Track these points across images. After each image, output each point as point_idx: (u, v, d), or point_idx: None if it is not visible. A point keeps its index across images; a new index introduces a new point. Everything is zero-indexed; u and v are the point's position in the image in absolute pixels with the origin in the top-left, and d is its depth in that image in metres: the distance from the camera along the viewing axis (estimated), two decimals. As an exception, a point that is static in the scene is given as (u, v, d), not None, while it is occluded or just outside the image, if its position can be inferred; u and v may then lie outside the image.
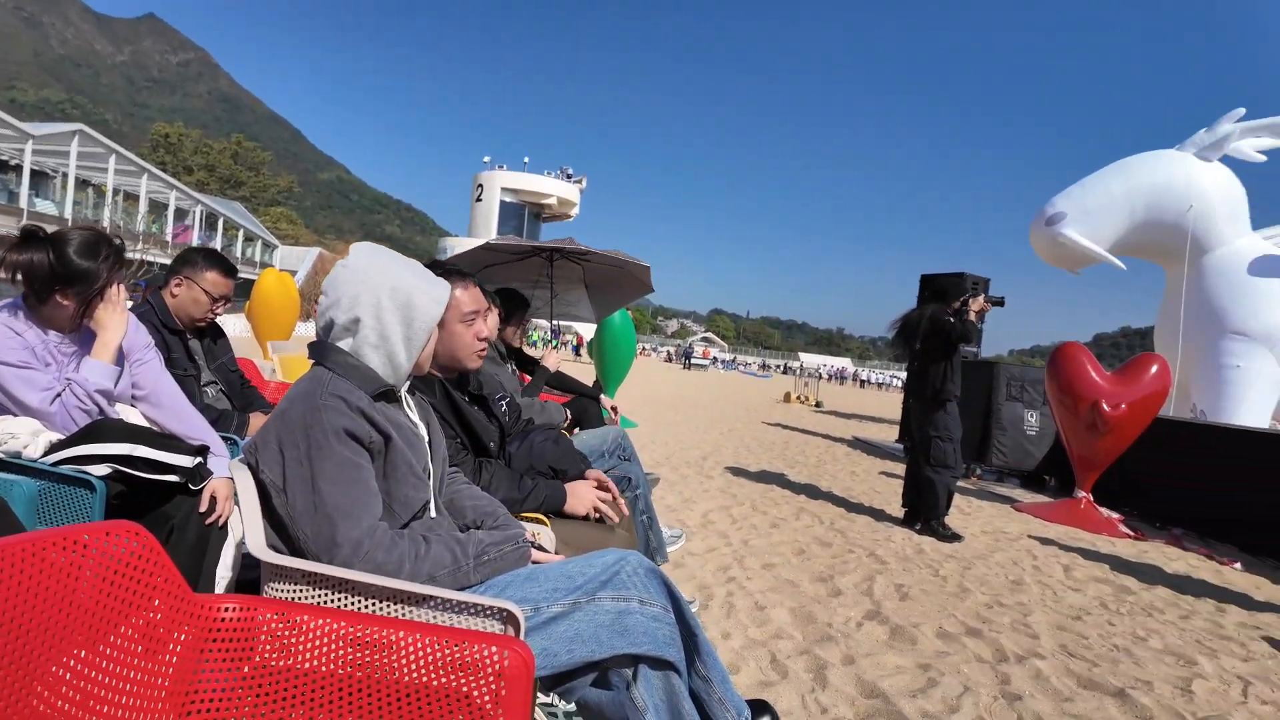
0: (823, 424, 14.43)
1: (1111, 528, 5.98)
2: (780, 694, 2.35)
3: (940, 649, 2.93)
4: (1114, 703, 2.60)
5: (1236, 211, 10.75)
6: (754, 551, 4.10)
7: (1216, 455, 6.40)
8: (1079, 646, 3.16)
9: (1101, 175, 11.24)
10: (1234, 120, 10.60)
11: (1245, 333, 10.20)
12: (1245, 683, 2.95)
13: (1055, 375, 6.37)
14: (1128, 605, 3.90)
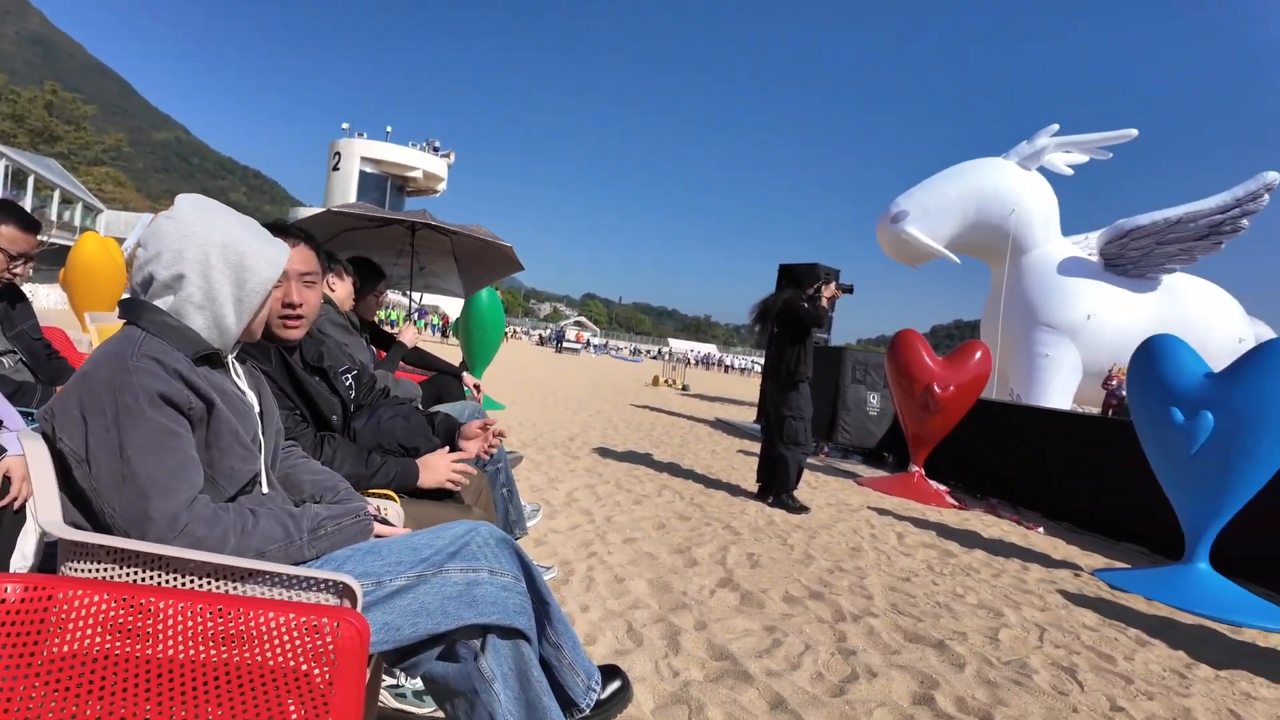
0: (688, 406, 14.85)
1: (940, 499, 6.58)
2: (635, 661, 2.40)
3: (785, 612, 3.12)
4: (934, 653, 2.88)
5: (1049, 217, 12.07)
6: (616, 527, 4.17)
7: (1027, 433, 7.19)
8: (907, 605, 3.46)
9: (940, 178, 12.25)
10: (1049, 134, 11.86)
11: (1054, 325, 11.51)
12: (1042, 629, 3.36)
13: (894, 360, 6.90)
14: (950, 567, 4.32)
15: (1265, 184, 10.30)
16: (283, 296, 1.83)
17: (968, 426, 7.09)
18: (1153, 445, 4.49)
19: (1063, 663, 2.94)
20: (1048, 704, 2.52)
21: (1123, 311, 11.27)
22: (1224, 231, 10.54)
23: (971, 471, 7.59)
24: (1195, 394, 4.24)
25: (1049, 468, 6.77)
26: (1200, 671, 3.08)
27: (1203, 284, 12.04)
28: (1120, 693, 2.72)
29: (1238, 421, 4.06)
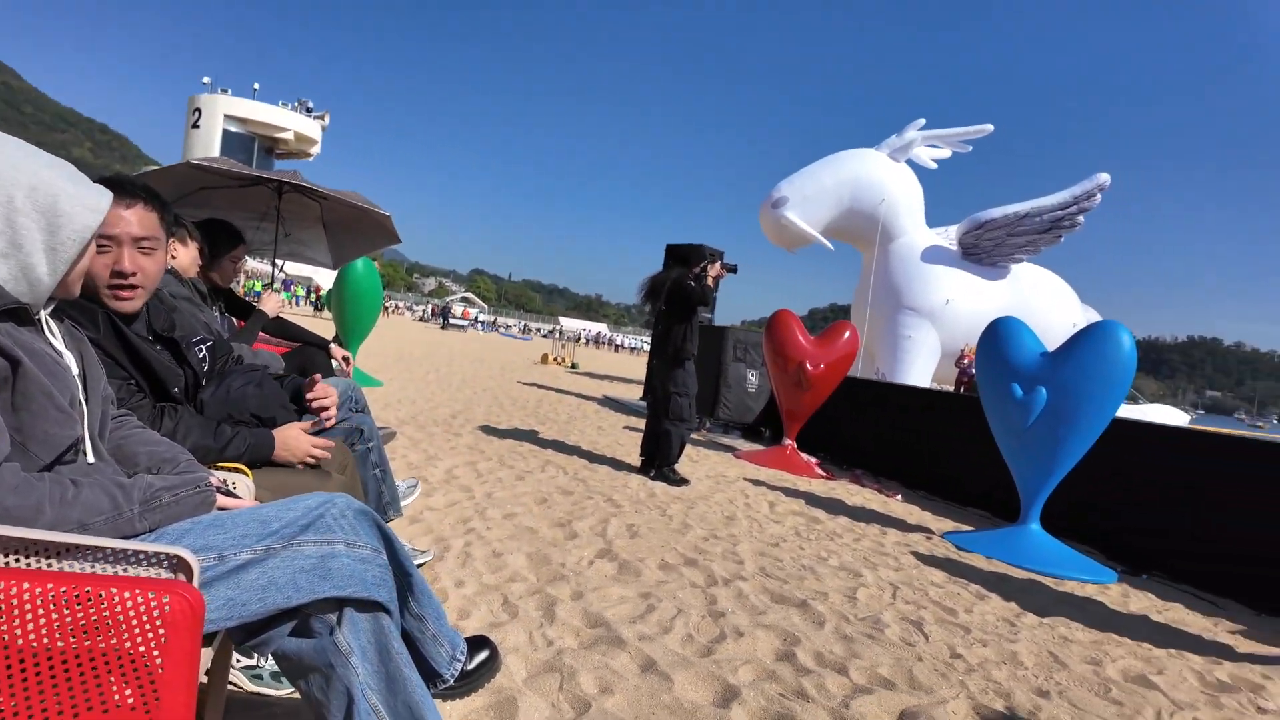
0: (577, 384, 14.85)
1: (810, 470, 6.94)
2: (509, 632, 2.40)
3: (661, 579, 3.20)
4: (798, 612, 3.05)
5: (915, 208, 12.86)
6: (496, 503, 4.12)
7: (889, 408, 7.69)
8: (775, 568, 3.64)
9: (817, 166, 12.77)
10: (917, 129, 12.60)
11: (916, 309, 12.32)
12: (895, 588, 3.62)
13: (770, 339, 7.18)
14: (816, 533, 4.57)
15: (1098, 184, 11.43)
16: (112, 263, 1.66)
17: (836, 402, 7.50)
18: (995, 418, 4.92)
19: (911, 617, 3.19)
20: (896, 654, 2.73)
21: (977, 297, 12.22)
22: (1064, 226, 11.62)
23: (839, 444, 8.05)
24: (1032, 371, 4.68)
25: (908, 441, 7.28)
26: (1027, 619, 3.43)
27: (1045, 273, 13.24)
28: (959, 641, 2.98)
29: (1066, 396, 4.52)
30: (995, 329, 4.98)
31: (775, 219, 12.53)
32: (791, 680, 2.36)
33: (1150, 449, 5.13)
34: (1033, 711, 2.41)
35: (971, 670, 2.69)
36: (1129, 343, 4.45)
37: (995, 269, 12.55)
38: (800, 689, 2.31)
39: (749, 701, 2.16)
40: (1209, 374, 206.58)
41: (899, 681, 2.49)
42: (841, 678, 2.45)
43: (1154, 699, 2.68)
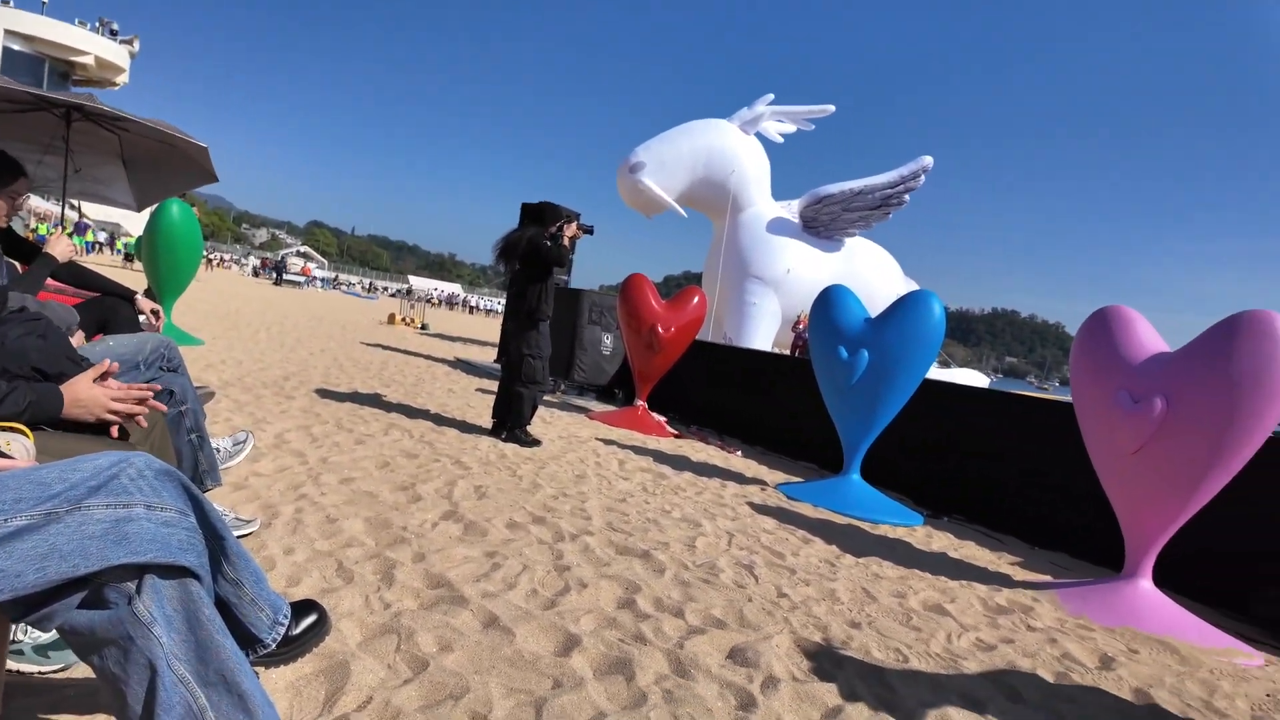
0: (426, 345, 14.33)
1: (660, 429, 7.17)
2: (343, 597, 2.31)
3: (508, 537, 3.20)
4: (640, 562, 3.16)
5: (763, 180, 13.42)
6: (332, 468, 3.92)
7: (732, 370, 8.08)
8: (621, 523, 3.74)
9: (673, 134, 12.97)
10: (766, 103, 13.09)
11: (761, 277, 12.94)
12: (731, 536, 3.85)
13: (624, 302, 7.29)
14: (661, 488, 4.75)
15: (922, 166, 12.46)
16: None
17: (685, 364, 7.77)
18: (823, 378, 5.31)
19: (744, 562, 3.42)
20: (729, 596, 2.91)
21: (814, 267, 13.02)
22: (892, 204, 12.60)
23: (687, 404, 8.37)
24: (857, 335, 5.07)
25: (748, 400, 7.70)
26: (845, 560, 3.78)
27: (875, 247, 14.33)
28: (785, 582, 3.23)
29: (886, 358, 4.95)
30: (826, 296, 5.34)
31: (632, 183, 12.63)
32: (631, 626, 2.46)
33: (952, 407, 5.75)
34: (845, 641, 2.67)
35: (795, 607, 2.93)
36: (940, 311, 4.93)
37: (831, 242, 13.41)
38: (639, 633, 2.41)
39: (589, 649, 2.23)
40: (1008, 342, 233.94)
41: (730, 621, 2.66)
42: (678, 620, 2.59)
43: (946, 624, 3.06)
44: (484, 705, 1.83)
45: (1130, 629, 3.32)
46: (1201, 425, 3.26)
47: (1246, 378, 3.14)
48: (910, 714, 2.17)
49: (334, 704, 1.74)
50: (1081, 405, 3.78)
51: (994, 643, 2.92)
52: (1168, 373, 3.38)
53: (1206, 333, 3.34)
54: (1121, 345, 3.58)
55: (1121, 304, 3.78)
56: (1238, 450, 3.28)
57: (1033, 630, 3.17)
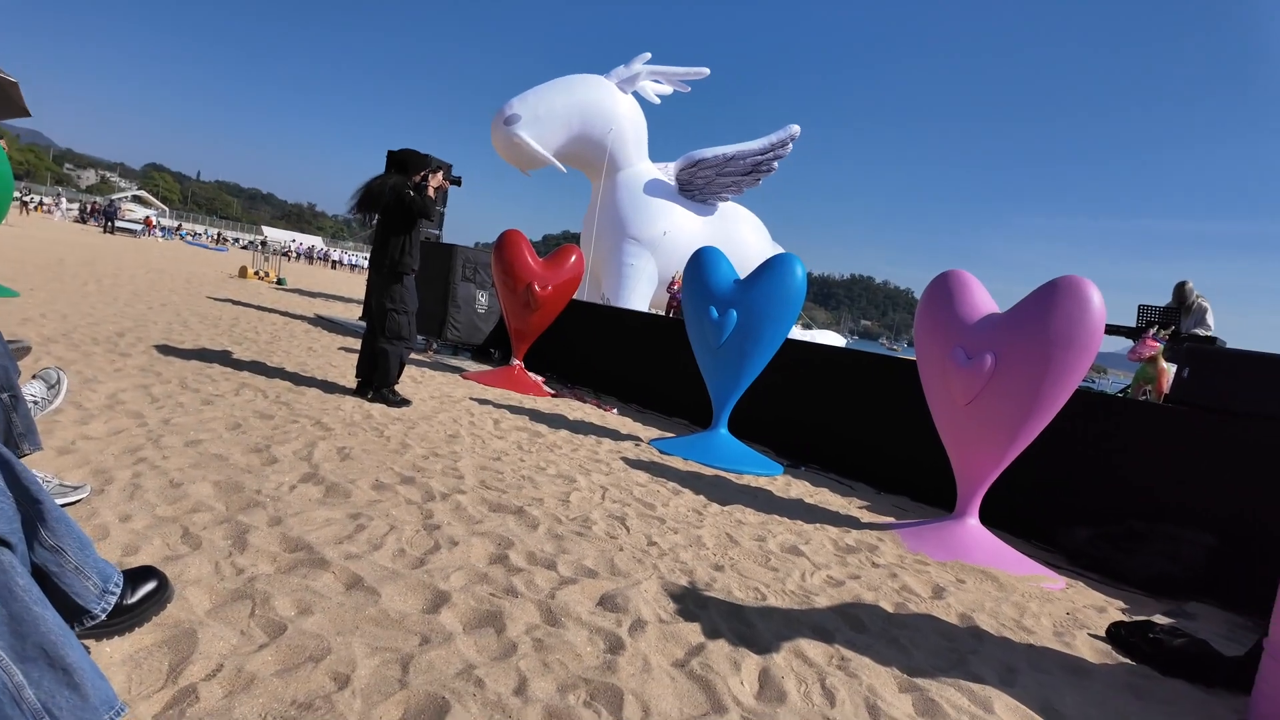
0: (283, 301, 13.40)
1: (538, 389, 7.13)
2: (189, 564, 2.17)
3: (374, 499, 3.10)
4: (514, 518, 3.17)
5: (640, 140, 13.41)
6: (176, 430, 3.63)
7: (609, 329, 8.14)
8: (495, 480, 3.72)
9: (550, 87, 12.65)
10: (643, 61, 13.02)
11: (638, 239, 13.02)
12: (604, 490, 3.92)
13: (499, 259, 7.13)
14: (537, 445, 4.75)
15: (790, 135, 12.90)
16: None
17: (563, 323, 7.75)
18: (695, 337, 5.46)
19: (617, 514, 3.50)
20: (601, 547, 2.98)
21: (690, 229, 13.25)
22: (762, 170, 12.99)
23: (565, 363, 8.36)
24: (726, 296, 5.24)
25: (624, 359, 7.80)
26: (712, 509, 3.95)
27: (746, 212, 14.75)
28: (655, 531, 3.35)
29: (752, 317, 5.16)
30: (698, 258, 5.47)
31: (507, 136, 12.25)
32: (503, 580, 2.47)
33: (812, 365, 6.10)
34: (709, 583, 2.81)
35: (664, 555, 3.05)
36: (801, 273, 5.18)
37: (706, 205, 13.67)
38: (511, 587, 2.43)
39: (459, 604, 2.23)
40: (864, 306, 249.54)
41: (601, 570, 2.73)
42: (550, 573, 2.62)
43: (800, 563, 3.28)
44: (347, 665, 1.79)
45: (959, 562, 3.71)
46: (1024, 378, 3.65)
47: (1060, 336, 3.53)
48: (767, 646, 2.33)
49: (179, 675, 1.64)
50: (923, 362, 4.12)
51: (842, 579, 3.17)
52: (997, 332, 3.74)
53: (1029, 296, 3.72)
54: (958, 307, 3.91)
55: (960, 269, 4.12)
56: (1053, 401, 3.70)
57: (876, 566, 3.47)
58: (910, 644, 2.59)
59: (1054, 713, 2.24)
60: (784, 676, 2.14)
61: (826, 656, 2.35)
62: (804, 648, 2.37)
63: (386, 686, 1.74)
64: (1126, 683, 2.60)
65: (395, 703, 1.68)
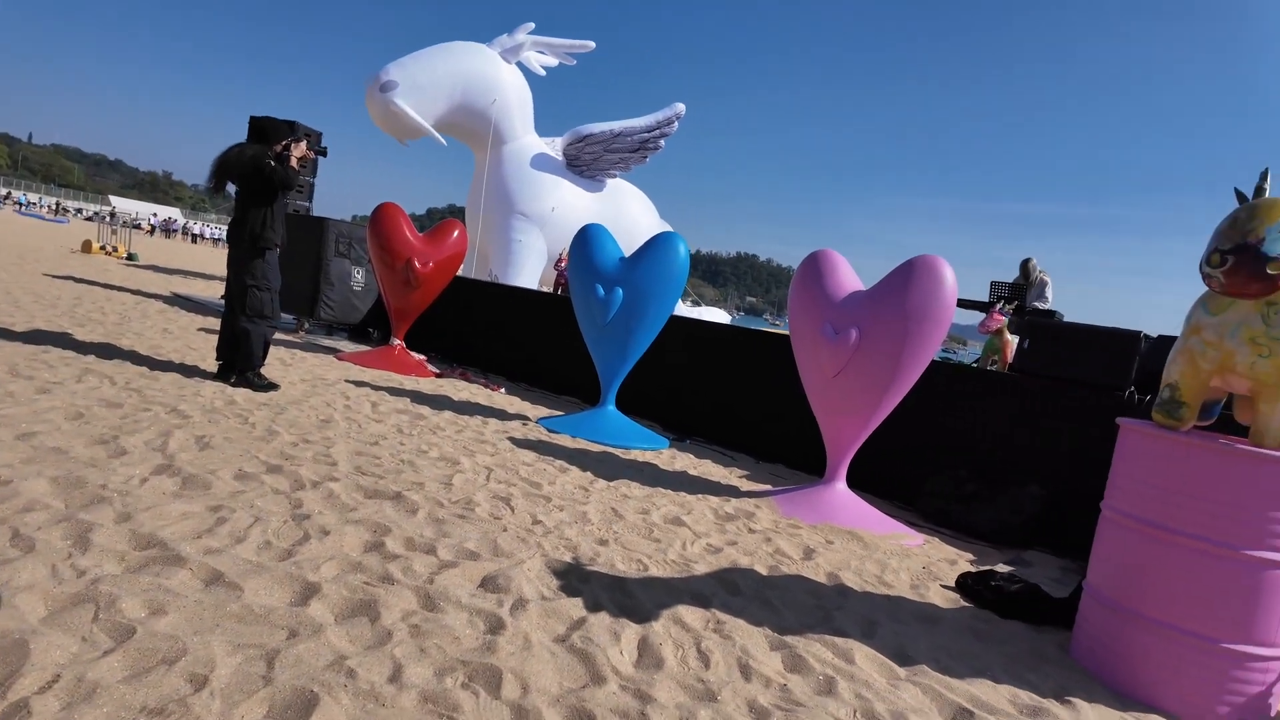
0: (134, 279, 12.27)
1: (420, 369, 6.92)
2: (21, 568, 1.98)
3: (236, 489, 2.93)
4: (391, 504, 3.08)
5: (525, 112, 13.14)
6: (5, 422, 3.27)
7: (496, 307, 8.00)
8: (372, 466, 3.60)
9: (430, 53, 12.14)
10: (526, 32, 12.73)
11: (526, 214, 12.81)
12: (490, 471, 3.88)
13: (375, 234, 6.82)
14: (419, 428, 4.63)
15: (675, 113, 13.03)
16: None
17: (447, 301, 7.54)
18: (582, 314, 5.46)
19: (502, 495, 3.48)
20: (484, 529, 2.96)
21: (579, 206, 13.17)
22: (649, 148, 13.06)
23: (449, 342, 8.16)
24: (612, 274, 5.27)
25: (512, 337, 7.70)
26: (598, 485, 4.00)
27: (635, 189, 14.82)
28: (541, 510, 3.36)
29: (638, 295, 5.21)
30: (584, 235, 5.46)
31: (384, 104, 11.68)
32: (378, 568, 2.41)
33: (696, 341, 6.25)
34: (593, 558, 2.85)
35: (549, 532, 3.07)
36: (684, 250, 5.28)
37: (594, 182, 13.62)
38: (387, 574, 2.37)
39: (330, 595, 2.15)
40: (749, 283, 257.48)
41: (484, 552, 2.71)
42: (430, 557, 2.58)
43: (682, 533, 3.39)
44: (205, 665, 1.70)
45: (829, 524, 3.94)
46: (885, 351, 3.90)
47: (916, 311, 3.79)
48: (647, 615, 2.40)
49: (8, 690, 1.51)
50: (795, 336, 4.31)
51: (721, 546, 3.31)
52: (861, 308, 3.97)
53: (890, 274, 3.96)
54: (827, 285, 4.12)
55: (835, 250, 4.33)
56: (912, 371, 3.98)
57: (753, 532, 3.63)
58: (781, 604, 2.74)
59: (907, 658, 2.45)
60: (662, 643, 2.22)
61: (703, 621, 2.45)
62: (682, 614, 2.46)
63: (249, 684, 1.67)
64: (970, 627, 2.87)
65: (259, 700, 1.62)
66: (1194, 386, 2.44)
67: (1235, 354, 2.32)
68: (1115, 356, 4.19)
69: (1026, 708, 2.23)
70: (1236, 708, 2.30)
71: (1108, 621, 2.54)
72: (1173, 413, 2.48)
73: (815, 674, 2.21)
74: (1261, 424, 2.34)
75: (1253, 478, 2.25)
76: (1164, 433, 2.47)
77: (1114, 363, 4.18)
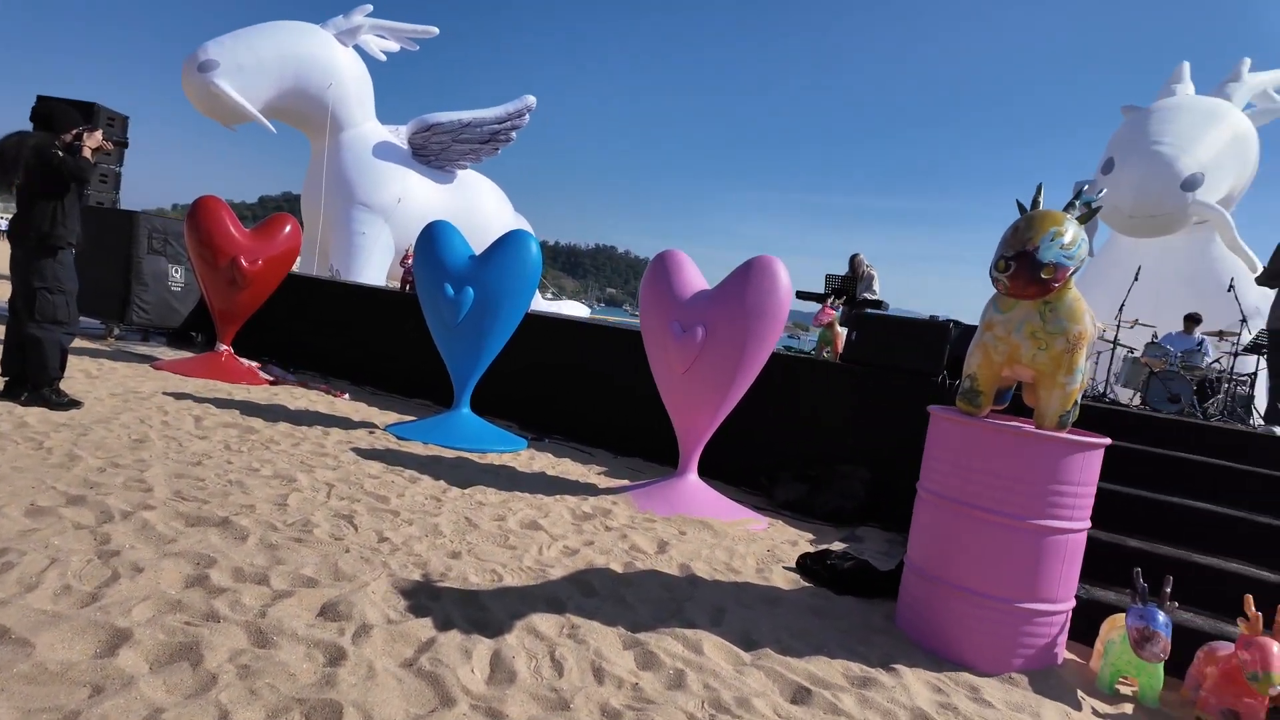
0: (-112, 279, 10.42)
1: (251, 376, 6.41)
2: None
3: (28, 528, 2.59)
4: (217, 531, 2.84)
5: (365, 98, 12.45)
6: None
7: (340, 307, 7.56)
8: (194, 490, 3.29)
9: (254, 32, 11.21)
10: (364, 13, 12.06)
11: (369, 205, 12.16)
12: (331, 487, 3.67)
13: (194, 230, 6.23)
14: (250, 443, 4.28)
15: (526, 105, 12.84)
16: None
17: (282, 301, 7.02)
18: (431, 315, 5.28)
19: (344, 512, 3.30)
20: (324, 552, 2.80)
21: (427, 198, 12.67)
22: (500, 140, 12.79)
23: (286, 346, 7.61)
24: (462, 272, 5.12)
25: (356, 338, 7.31)
26: (451, 494, 3.90)
27: (487, 181, 14.46)
28: (388, 525, 3.22)
29: (489, 294, 5.11)
30: (429, 232, 5.27)
31: (203, 85, 10.64)
32: (201, 605, 2.22)
33: (553, 337, 6.23)
34: (444, 573, 2.78)
35: (396, 550, 2.95)
36: (536, 249, 5.24)
37: (444, 173, 13.15)
38: (211, 611, 2.19)
39: (143, 641, 1.96)
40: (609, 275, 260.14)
41: (323, 577, 2.57)
42: (261, 588, 2.41)
43: (539, 538, 3.38)
44: (-18, 742, 1.49)
45: (682, 516, 4.08)
46: (729, 347, 4.07)
47: (755, 308, 3.99)
48: (500, 628, 2.38)
49: None
50: (646, 334, 4.41)
51: (578, 547, 3.33)
52: (706, 306, 4.12)
53: (731, 274, 4.14)
54: (674, 284, 4.24)
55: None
56: (754, 365, 4.19)
57: (609, 530, 3.69)
58: (635, 600, 2.80)
59: (752, 643, 2.59)
60: (515, 656, 2.21)
61: (558, 628, 2.46)
62: (536, 623, 2.46)
63: (40, 758, 1.49)
64: (809, 605, 3.08)
65: (53, 775, 1.45)
66: (989, 376, 2.75)
67: (1020, 347, 2.64)
68: (929, 345, 4.62)
69: (857, 679, 2.43)
70: (1029, 658, 2.63)
71: (924, 591, 2.81)
72: (972, 400, 2.78)
73: (666, 669, 2.28)
74: (1042, 408, 2.68)
75: (1034, 456, 2.58)
76: (965, 418, 2.77)
77: (928, 351, 4.62)
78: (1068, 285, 2.56)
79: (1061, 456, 2.58)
